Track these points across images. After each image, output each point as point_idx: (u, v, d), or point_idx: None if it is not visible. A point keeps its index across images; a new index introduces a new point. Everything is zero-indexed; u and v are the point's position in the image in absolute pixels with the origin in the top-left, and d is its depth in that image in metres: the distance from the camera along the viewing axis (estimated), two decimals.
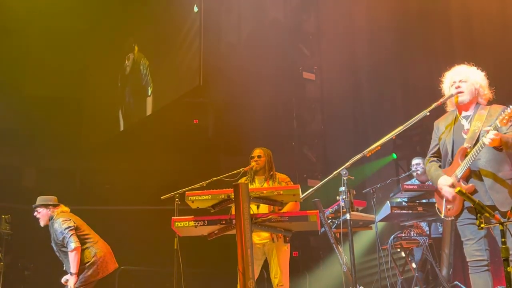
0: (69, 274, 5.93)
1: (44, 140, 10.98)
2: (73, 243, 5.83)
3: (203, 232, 3.85)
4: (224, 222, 3.75)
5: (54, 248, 6.17)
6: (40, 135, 11.01)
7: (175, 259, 5.69)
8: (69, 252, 5.86)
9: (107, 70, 12.49)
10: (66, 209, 6.26)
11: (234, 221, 3.66)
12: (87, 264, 5.98)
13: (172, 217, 3.83)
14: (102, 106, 12.23)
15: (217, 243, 4.56)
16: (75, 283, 5.80)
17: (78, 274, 5.90)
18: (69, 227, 5.94)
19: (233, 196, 3.66)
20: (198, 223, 3.74)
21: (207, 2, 9.46)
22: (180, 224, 3.77)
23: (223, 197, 3.77)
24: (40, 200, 6.19)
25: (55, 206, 6.16)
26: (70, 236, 5.86)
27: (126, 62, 11.65)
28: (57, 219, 6.01)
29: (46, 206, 6.13)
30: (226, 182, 5.03)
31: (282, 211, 4.83)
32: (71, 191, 10.93)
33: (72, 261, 5.82)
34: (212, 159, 9.92)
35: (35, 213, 6.17)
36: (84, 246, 6.02)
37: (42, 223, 6.16)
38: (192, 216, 3.75)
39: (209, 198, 3.76)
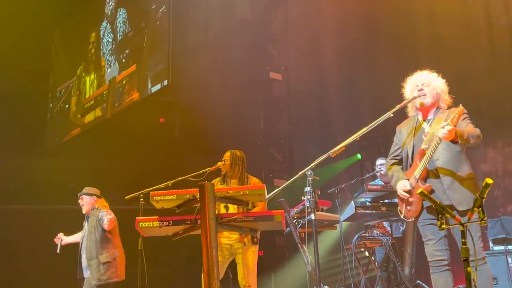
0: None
1: (6, 138, 10.75)
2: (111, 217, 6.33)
3: (168, 232, 3.82)
4: (189, 222, 3.73)
5: (84, 235, 6.48)
6: (2, 132, 10.78)
7: (139, 260, 5.65)
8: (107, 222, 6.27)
9: (71, 66, 12.37)
10: (107, 204, 6.67)
11: (199, 221, 3.64)
12: (107, 264, 6.25)
13: (136, 217, 3.79)
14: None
15: (183, 244, 4.54)
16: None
17: (96, 271, 6.21)
18: (112, 215, 6.42)
19: (198, 196, 3.64)
20: (163, 224, 3.71)
21: (175, 1, 9.42)
22: (144, 224, 3.73)
23: (188, 197, 3.75)
24: (86, 189, 6.68)
25: (98, 197, 6.64)
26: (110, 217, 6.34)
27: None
28: (104, 210, 6.44)
29: (90, 195, 6.61)
30: (192, 182, 5.00)
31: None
32: (33, 189, 10.74)
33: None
34: (178, 159, 9.86)
35: (79, 200, 6.63)
36: (110, 245, 6.36)
37: (84, 210, 6.61)
38: (157, 216, 3.72)
39: (174, 198, 3.73)
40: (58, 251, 6.66)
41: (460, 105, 3.69)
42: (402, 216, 4.21)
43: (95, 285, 6.22)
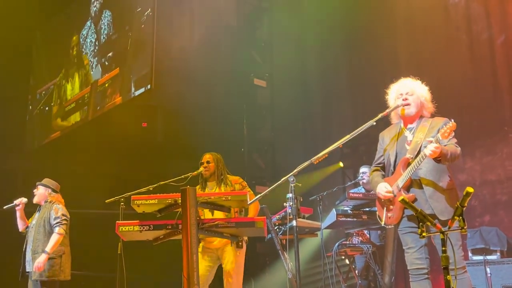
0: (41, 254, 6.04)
1: None
2: (62, 229, 6.11)
3: (148, 237, 3.80)
4: (170, 227, 3.71)
5: (32, 225, 6.28)
6: None
7: (119, 264, 5.60)
8: (54, 233, 6.07)
9: (52, 68, 12.27)
10: (62, 200, 6.45)
11: (180, 226, 3.62)
12: (52, 260, 6.02)
13: (117, 221, 3.75)
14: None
15: (163, 248, 4.51)
16: (44, 262, 5.92)
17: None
18: (67, 217, 6.25)
19: (180, 201, 3.62)
20: (143, 228, 3.68)
21: (160, 5, 9.40)
22: (125, 228, 3.70)
23: (170, 201, 3.73)
24: (44, 180, 6.51)
25: (54, 191, 6.45)
26: (64, 224, 6.15)
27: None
28: (59, 205, 6.29)
29: (46, 187, 6.42)
30: (174, 187, 4.97)
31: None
32: (12, 191, 10.58)
33: (52, 242, 6.01)
34: (160, 163, 9.81)
35: (34, 190, 6.47)
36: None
37: (35, 200, 6.44)
38: (137, 221, 3.69)
39: (156, 202, 3.72)
40: (5, 207, 6.50)
41: (452, 120, 3.72)
42: (382, 223, 4.22)
43: (36, 280, 5.96)
